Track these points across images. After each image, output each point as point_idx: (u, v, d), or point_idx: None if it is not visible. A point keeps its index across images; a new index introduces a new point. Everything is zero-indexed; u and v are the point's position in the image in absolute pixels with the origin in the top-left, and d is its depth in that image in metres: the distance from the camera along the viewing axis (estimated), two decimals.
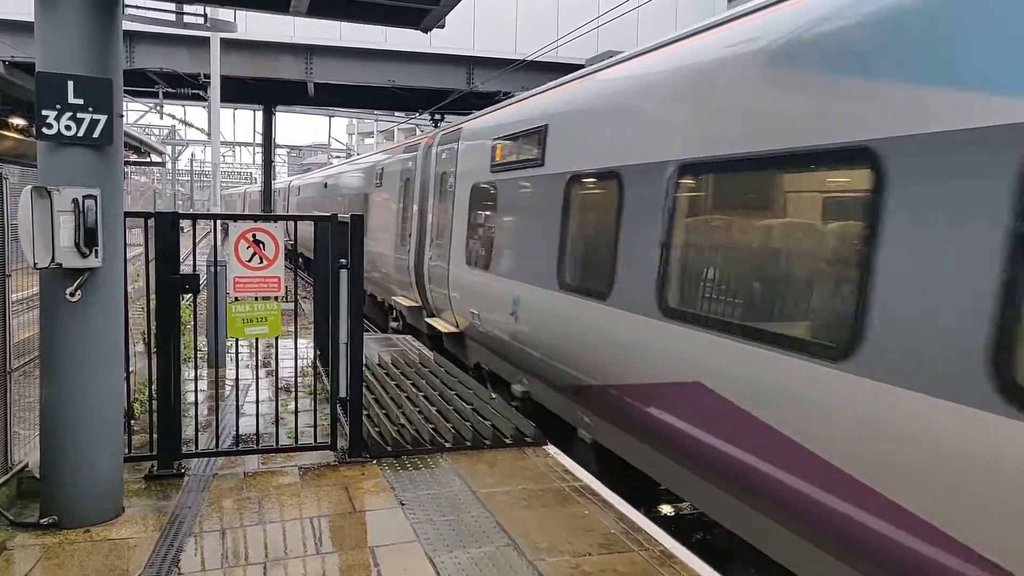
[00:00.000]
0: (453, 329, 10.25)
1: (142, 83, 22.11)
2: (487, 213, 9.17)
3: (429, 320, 11.17)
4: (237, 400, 6.68)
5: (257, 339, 6.08)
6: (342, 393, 6.27)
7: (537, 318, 7.49)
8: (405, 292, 12.81)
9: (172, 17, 8.04)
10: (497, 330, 8.60)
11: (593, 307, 6.28)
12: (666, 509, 7.18)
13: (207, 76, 16.54)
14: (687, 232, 5.26)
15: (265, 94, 25.06)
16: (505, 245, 8.51)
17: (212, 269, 8.98)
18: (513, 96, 8.84)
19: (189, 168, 56.35)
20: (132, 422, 6.22)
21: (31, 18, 4.59)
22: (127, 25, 5.27)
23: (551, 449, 6.62)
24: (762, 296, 4.55)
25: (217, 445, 6.35)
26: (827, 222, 4.23)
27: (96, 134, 4.53)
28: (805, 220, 4.42)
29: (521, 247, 8.08)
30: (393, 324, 14.32)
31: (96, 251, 4.56)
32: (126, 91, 5.06)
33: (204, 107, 28.49)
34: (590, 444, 6.75)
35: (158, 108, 32.22)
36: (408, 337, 12.35)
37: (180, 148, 50.28)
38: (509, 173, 8.52)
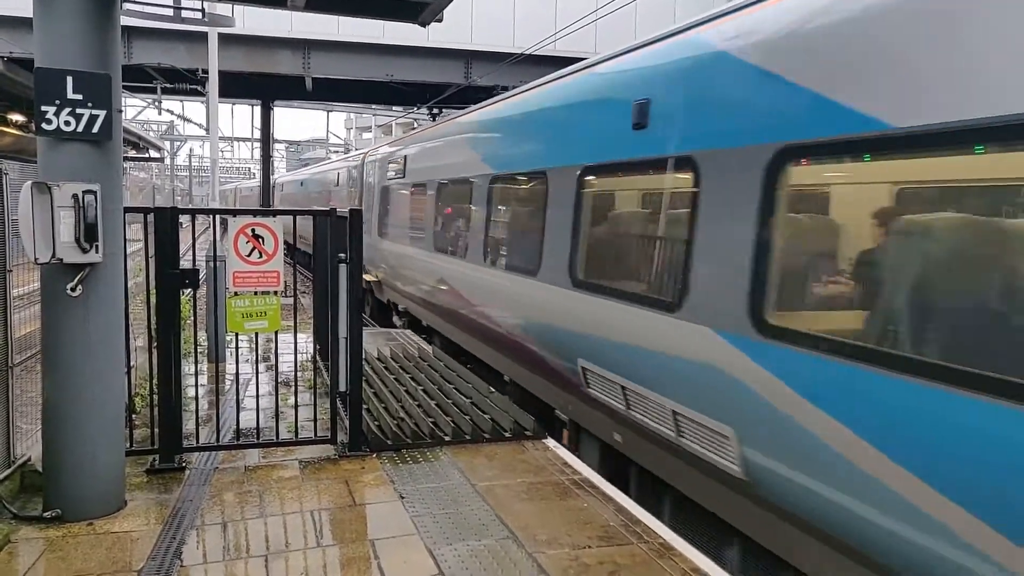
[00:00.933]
0: (374, 279, 15.06)
1: (140, 78, 22.09)
2: (387, 205, 14.41)
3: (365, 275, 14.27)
4: (237, 394, 6.70)
5: (257, 334, 6.11)
6: (342, 387, 6.30)
7: (412, 265, 12.13)
8: None
9: (170, 12, 8.02)
10: (392, 277, 13.56)
11: (433, 256, 10.96)
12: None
13: (205, 71, 16.54)
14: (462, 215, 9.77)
15: (263, 89, 25.05)
16: (392, 224, 13.82)
17: (212, 264, 8.99)
18: (506, 92, 10.03)
19: (188, 163, 56.31)
20: (133, 416, 6.25)
21: (30, 14, 4.60)
22: (125, 20, 5.27)
23: (550, 442, 6.65)
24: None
25: (218, 439, 6.37)
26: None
27: (95, 129, 4.55)
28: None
29: (399, 225, 13.28)
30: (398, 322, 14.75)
31: (96, 246, 4.58)
32: (124, 86, 5.06)
33: (202, 102, 28.45)
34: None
35: (156, 103, 32.16)
36: (407, 332, 12.39)
37: (178, 143, 50.23)
38: (393, 181, 13.96)
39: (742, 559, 4.82)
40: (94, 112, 4.52)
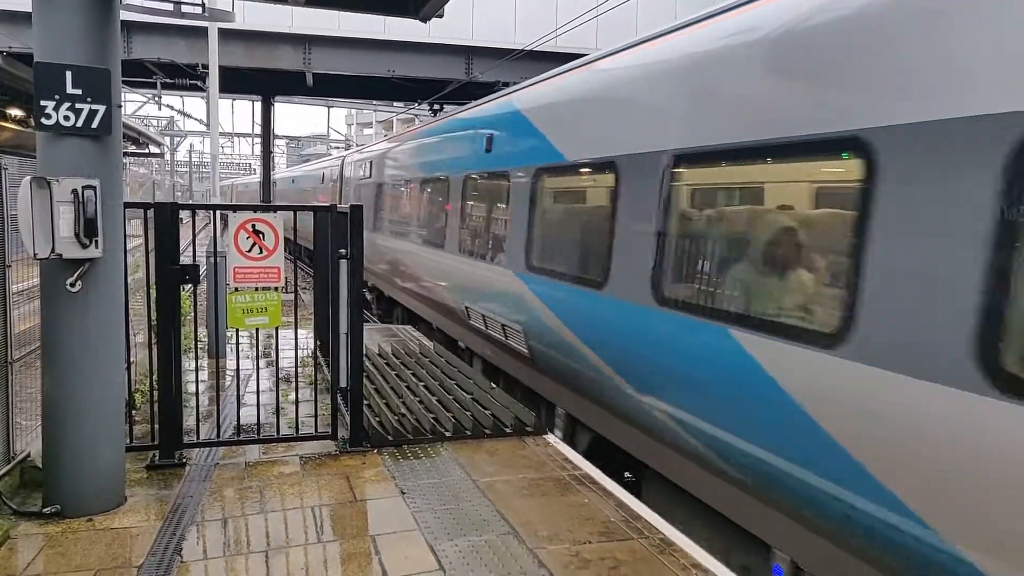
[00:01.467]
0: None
1: (140, 73, 22.04)
2: (357, 198, 17.43)
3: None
4: (238, 390, 6.70)
5: (257, 329, 6.10)
6: (343, 383, 6.29)
7: (379, 247, 14.62)
8: None
9: (170, 7, 8.01)
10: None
11: (387, 239, 13.88)
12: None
13: (205, 66, 16.49)
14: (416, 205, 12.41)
15: (264, 84, 24.99)
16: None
17: (212, 260, 8.98)
18: (507, 87, 10.56)
19: (188, 159, 56.30)
20: (133, 412, 6.24)
21: (29, 8, 4.58)
22: (124, 15, 5.26)
23: (551, 438, 6.64)
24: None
25: (218, 435, 6.37)
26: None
27: (95, 124, 4.53)
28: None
29: (373, 214, 15.47)
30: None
31: (96, 241, 4.57)
32: (124, 82, 5.04)
33: (203, 98, 28.41)
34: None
35: (156, 99, 32.12)
36: (408, 328, 12.38)
37: (179, 139, 50.21)
38: (364, 180, 16.90)
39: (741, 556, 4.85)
40: (93, 107, 4.50)
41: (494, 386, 7.98)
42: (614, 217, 5.93)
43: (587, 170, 6.64)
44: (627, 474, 6.31)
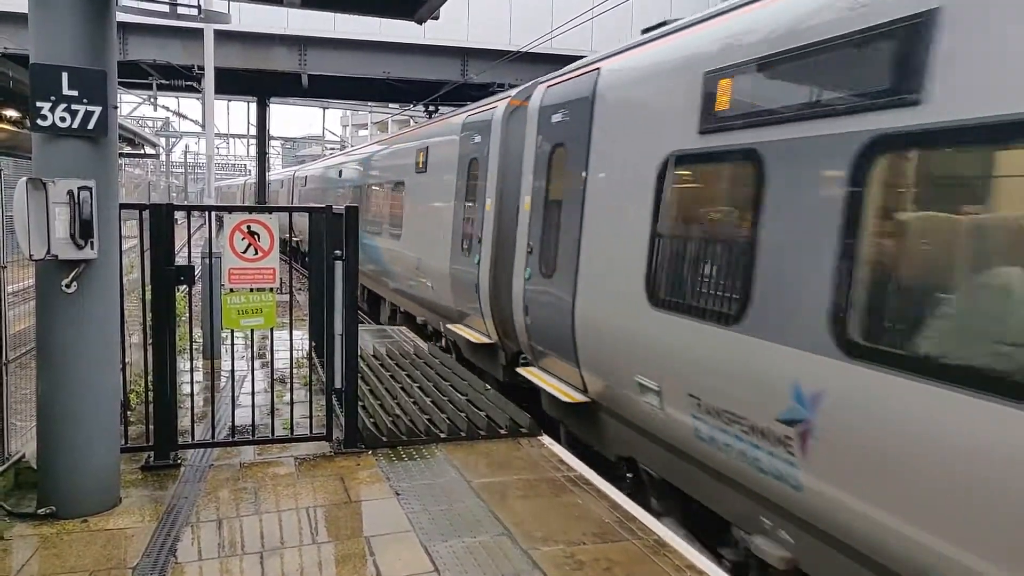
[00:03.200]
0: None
1: (135, 74, 22.01)
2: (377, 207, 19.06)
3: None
4: (233, 391, 6.70)
5: (252, 330, 6.10)
6: (337, 384, 6.30)
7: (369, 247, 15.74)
8: None
9: (166, 8, 8.00)
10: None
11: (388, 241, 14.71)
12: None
13: (201, 68, 16.48)
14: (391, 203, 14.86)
15: (259, 85, 24.98)
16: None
17: (207, 261, 8.98)
18: (502, 88, 11.39)
19: (183, 160, 56.16)
20: (128, 413, 6.24)
21: (25, 9, 4.58)
22: (120, 16, 5.26)
23: (546, 439, 6.66)
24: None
25: (213, 436, 6.37)
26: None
27: (91, 126, 4.54)
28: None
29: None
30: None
31: (91, 243, 4.58)
32: (119, 83, 5.05)
33: (198, 99, 28.37)
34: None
35: (152, 100, 32.06)
36: (403, 329, 12.39)
37: (174, 140, 50.08)
38: (399, 191, 18.59)
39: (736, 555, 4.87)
40: (89, 108, 4.51)
41: (488, 387, 7.99)
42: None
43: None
44: (629, 475, 6.24)
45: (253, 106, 33.75)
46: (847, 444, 3.74)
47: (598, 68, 6.84)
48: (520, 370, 8.03)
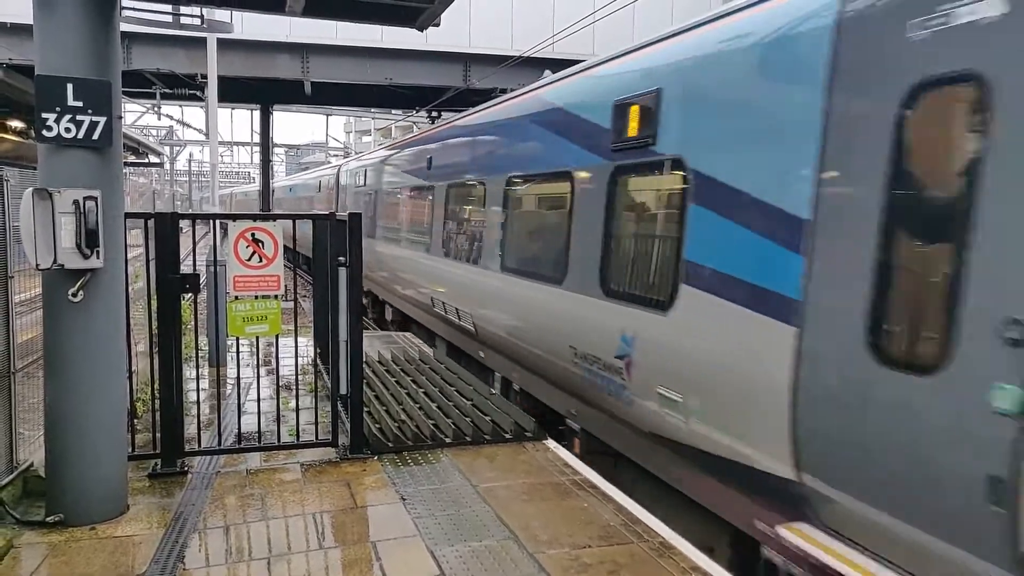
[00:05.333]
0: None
1: (139, 84, 22.12)
2: (352, 201, 18.79)
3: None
4: (239, 398, 6.72)
5: (257, 338, 6.13)
6: (343, 390, 6.32)
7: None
8: None
9: (169, 18, 8.08)
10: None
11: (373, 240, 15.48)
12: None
13: (204, 76, 16.58)
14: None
15: (262, 93, 25.09)
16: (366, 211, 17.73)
17: (212, 268, 9.02)
18: (504, 93, 10.60)
19: (187, 168, 56.35)
20: (135, 421, 6.26)
21: (30, 21, 4.63)
22: (124, 26, 5.30)
23: (551, 443, 6.67)
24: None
25: (219, 443, 6.40)
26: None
27: (96, 136, 4.57)
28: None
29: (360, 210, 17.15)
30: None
31: (97, 252, 4.61)
32: (123, 92, 5.09)
33: (202, 107, 28.48)
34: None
35: (155, 109, 32.19)
36: (408, 335, 12.41)
37: (178, 148, 50.26)
38: (356, 188, 18.16)
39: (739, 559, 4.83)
40: (94, 119, 4.54)
41: (494, 392, 8.00)
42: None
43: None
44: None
45: (256, 114, 33.88)
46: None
47: (345, 164, 20.34)
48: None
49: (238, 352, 6.78)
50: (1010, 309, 3.09)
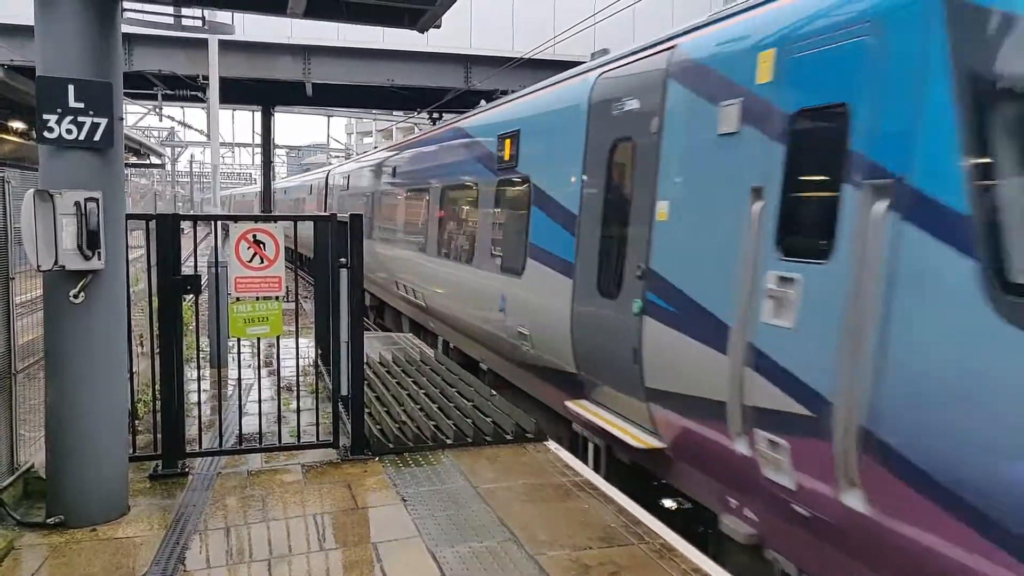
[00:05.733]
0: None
1: (141, 85, 22.14)
2: (338, 202, 20.81)
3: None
4: (240, 399, 6.72)
5: (259, 339, 6.13)
6: (344, 391, 6.32)
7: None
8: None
9: (170, 20, 8.09)
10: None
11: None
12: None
13: (205, 77, 16.56)
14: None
15: (263, 94, 25.09)
16: (344, 209, 18.64)
17: (213, 270, 9.03)
18: (505, 95, 11.07)
19: (189, 169, 56.41)
20: (136, 422, 6.27)
21: (31, 22, 4.63)
22: (125, 28, 5.30)
23: (551, 445, 6.67)
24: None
25: (220, 444, 6.40)
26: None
27: (97, 137, 4.58)
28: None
29: (345, 209, 18.41)
30: None
31: (99, 253, 4.61)
32: (124, 93, 5.09)
33: (203, 108, 28.50)
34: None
35: (157, 110, 32.22)
36: (409, 336, 12.41)
37: (179, 149, 50.31)
38: (341, 192, 20.60)
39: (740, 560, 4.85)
40: (96, 120, 4.55)
41: (495, 393, 8.01)
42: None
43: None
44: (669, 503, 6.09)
45: (258, 115, 33.91)
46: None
47: (333, 169, 23.42)
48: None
49: (239, 353, 6.78)
50: (641, 261, 5.70)
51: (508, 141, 8.42)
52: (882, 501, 3.61)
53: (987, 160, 3.25)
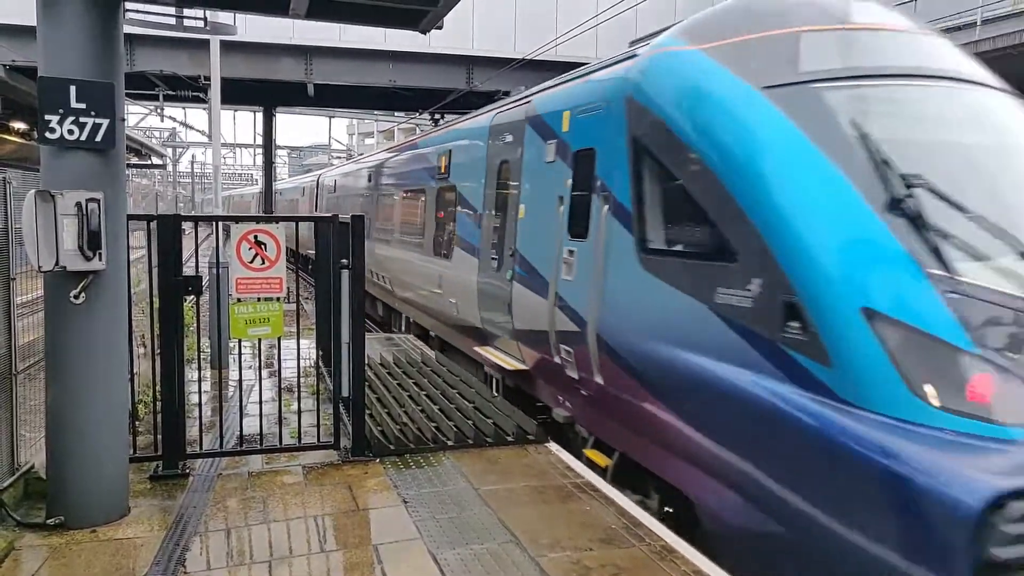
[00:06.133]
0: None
1: (142, 85, 22.16)
2: (326, 203, 22.25)
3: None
4: (240, 401, 6.71)
5: (260, 340, 6.13)
6: (344, 392, 6.31)
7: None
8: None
9: (172, 20, 8.07)
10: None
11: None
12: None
13: (207, 78, 16.57)
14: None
15: (265, 95, 25.12)
16: (333, 208, 20.21)
17: (214, 271, 9.02)
18: (507, 96, 11.45)
19: (190, 170, 56.45)
20: (137, 423, 6.26)
21: (33, 23, 4.63)
22: (127, 28, 5.30)
23: (553, 446, 6.66)
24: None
25: (221, 445, 6.39)
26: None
27: (99, 138, 4.58)
28: None
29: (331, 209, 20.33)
30: None
31: (100, 254, 4.61)
32: (126, 94, 5.09)
33: (205, 109, 28.52)
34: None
35: (158, 110, 32.25)
36: (410, 337, 12.41)
37: (181, 150, 50.32)
38: (328, 194, 21.78)
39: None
40: (97, 121, 4.55)
41: (496, 395, 8.00)
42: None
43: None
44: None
45: (259, 115, 33.93)
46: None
47: (323, 173, 25.80)
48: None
49: (240, 354, 6.78)
50: (512, 245, 7.89)
51: (443, 157, 10.92)
52: (609, 377, 6.01)
53: (640, 181, 5.72)
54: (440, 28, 5.94)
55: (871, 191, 4.42)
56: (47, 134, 4.50)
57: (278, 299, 5.94)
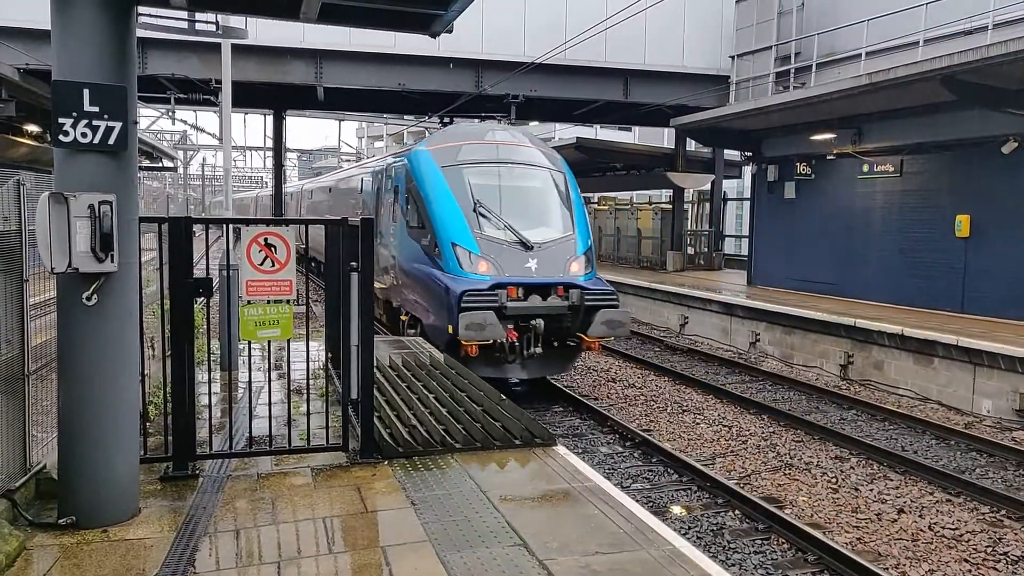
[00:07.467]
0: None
1: (154, 88, 22.28)
2: (306, 207, 29.69)
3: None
4: (250, 402, 6.75)
5: (269, 342, 6.16)
6: (353, 395, 6.33)
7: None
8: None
9: (184, 24, 8.15)
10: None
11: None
12: (677, 510, 7.25)
13: (218, 81, 16.65)
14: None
15: (275, 98, 25.20)
16: (311, 208, 28.73)
17: (225, 273, 9.07)
18: (516, 99, 13.93)
19: (201, 173, 56.72)
20: (147, 424, 6.30)
21: (47, 26, 4.67)
22: (139, 32, 5.34)
23: (561, 450, 6.66)
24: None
25: (231, 447, 6.42)
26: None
27: (111, 141, 4.61)
28: None
29: (310, 213, 28.68)
30: None
31: (112, 256, 4.64)
32: (138, 97, 5.13)
33: (215, 112, 28.67)
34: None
35: (170, 113, 32.43)
36: (419, 339, 12.43)
37: (192, 153, 50.56)
38: (309, 199, 29.25)
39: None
40: (110, 124, 4.58)
41: (504, 398, 8.00)
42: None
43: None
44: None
45: (270, 119, 34.06)
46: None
47: (309, 181, 34.97)
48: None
49: (250, 356, 6.80)
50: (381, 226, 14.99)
51: (361, 180, 17.55)
52: (402, 280, 13.40)
53: (408, 199, 13.04)
54: (450, 32, 5.97)
55: (464, 204, 11.86)
56: (60, 137, 4.53)
57: (288, 301, 5.96)
